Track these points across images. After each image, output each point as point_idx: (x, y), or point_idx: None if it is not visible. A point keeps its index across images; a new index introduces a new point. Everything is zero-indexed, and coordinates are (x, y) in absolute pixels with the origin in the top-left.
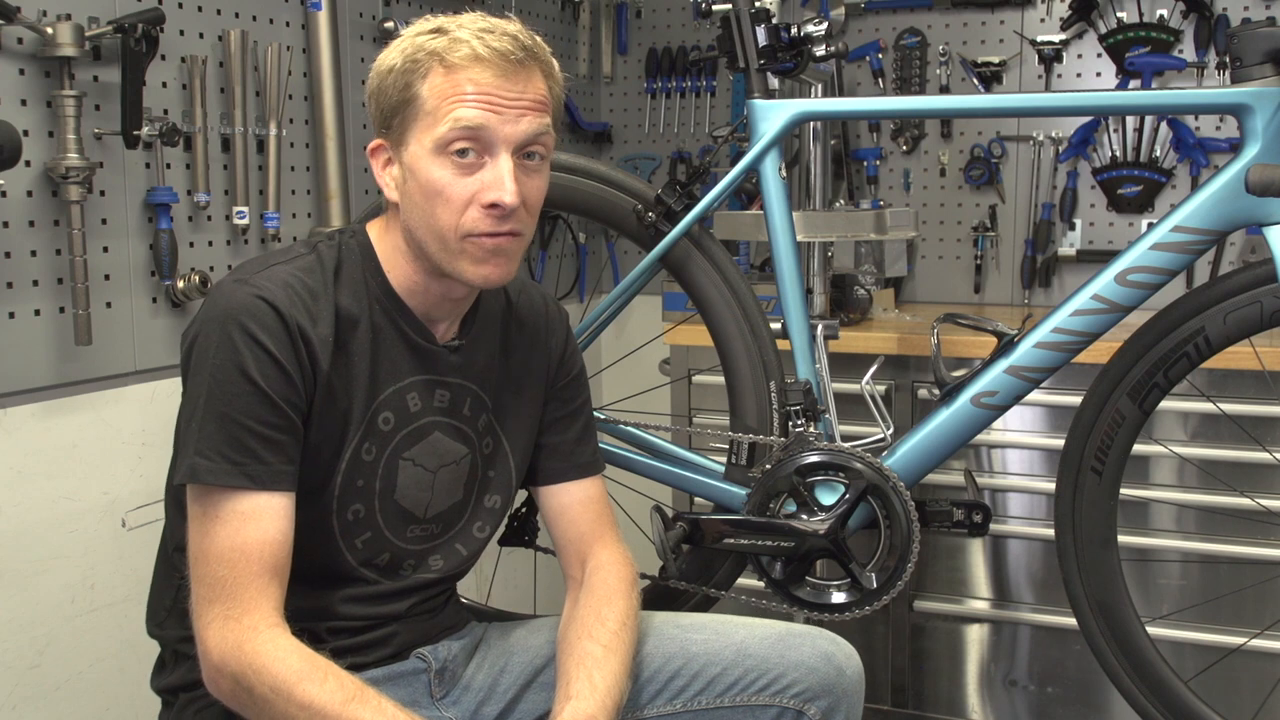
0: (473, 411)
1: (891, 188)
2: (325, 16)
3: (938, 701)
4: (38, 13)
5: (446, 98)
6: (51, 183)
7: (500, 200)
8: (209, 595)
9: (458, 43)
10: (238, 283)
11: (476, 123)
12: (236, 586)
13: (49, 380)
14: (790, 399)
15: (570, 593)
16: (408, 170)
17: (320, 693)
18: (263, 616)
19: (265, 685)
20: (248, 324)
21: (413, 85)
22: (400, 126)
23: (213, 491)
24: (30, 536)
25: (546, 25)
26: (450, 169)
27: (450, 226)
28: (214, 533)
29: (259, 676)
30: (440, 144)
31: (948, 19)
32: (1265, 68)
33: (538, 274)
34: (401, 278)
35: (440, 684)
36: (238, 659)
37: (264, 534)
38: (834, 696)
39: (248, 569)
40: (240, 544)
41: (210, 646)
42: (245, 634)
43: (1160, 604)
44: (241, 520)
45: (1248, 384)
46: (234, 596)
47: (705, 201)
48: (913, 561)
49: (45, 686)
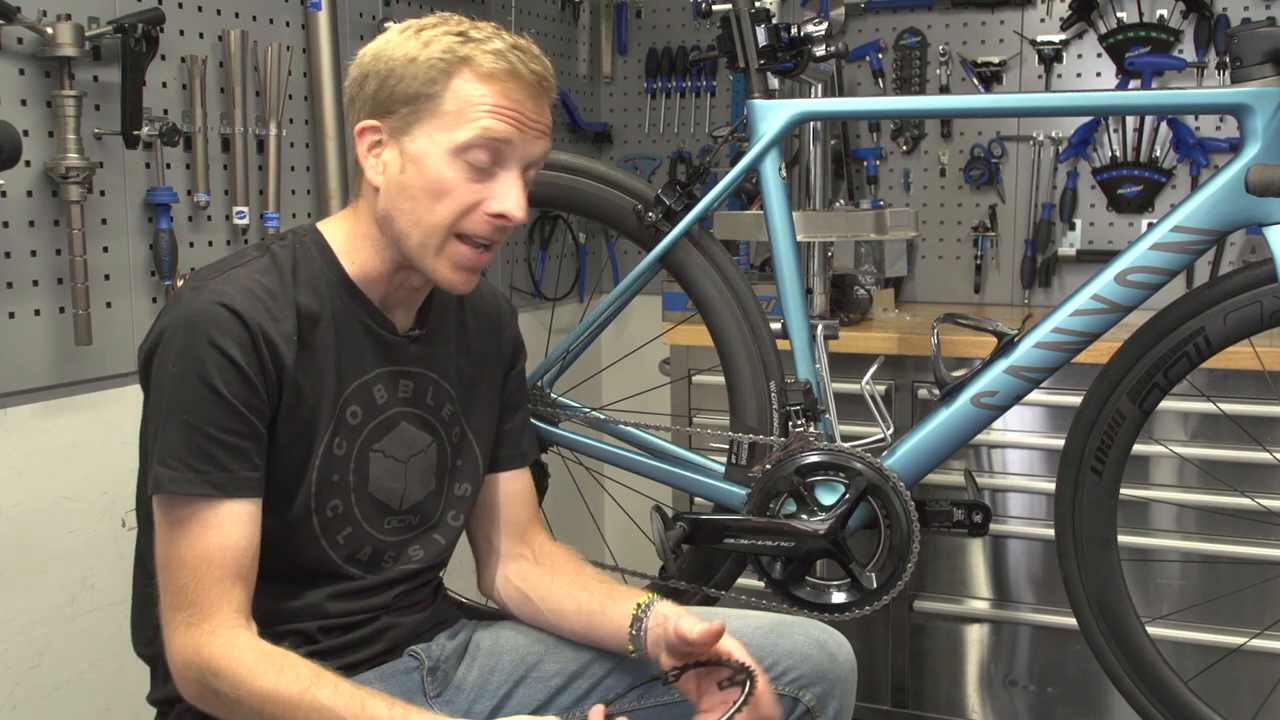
0: (435, 401)
1: (891, 188)
2: (325, 16)
3: (938, 701)
4: (38, 13)
5: (474, 104)
6: (51, 183)
7: (509, 213)
8: (173, 603)
9: (496, 55)
10: (195, 290)
11: (504, 136)
12: (198, 593)
13: (49, 380)
14: (790, 399)
15: (515, 564)
16: (410, 161)
17: (278, 682)
18: (222, 620)
19: (226, 684)
20: (208, 330)
21: (437, 82)
22: (409, 117)
23: (176, 501)
24: (30, 536)
25: (546, 25)
26: (462, 172)
27: (444, 224)
28: (178, 541)
29: (219, 677)
30: (460, 147)
31: (948, 19)
32: (1265, 68)
33: (538, 274)
34: (361, 265)
35: (433, 682)
36: (198, 662)
37: (226, 540)
38: (828, 682)
39: (209, 575)
40: (202, 551)
41: (175, 652)
42: (205, 638)
43: (1160, 604)
44: (204, 528)
45: (1248, 384)
46: (196, 603)
47: (705, 201)
48: (913, 561)
49: (45, 686)
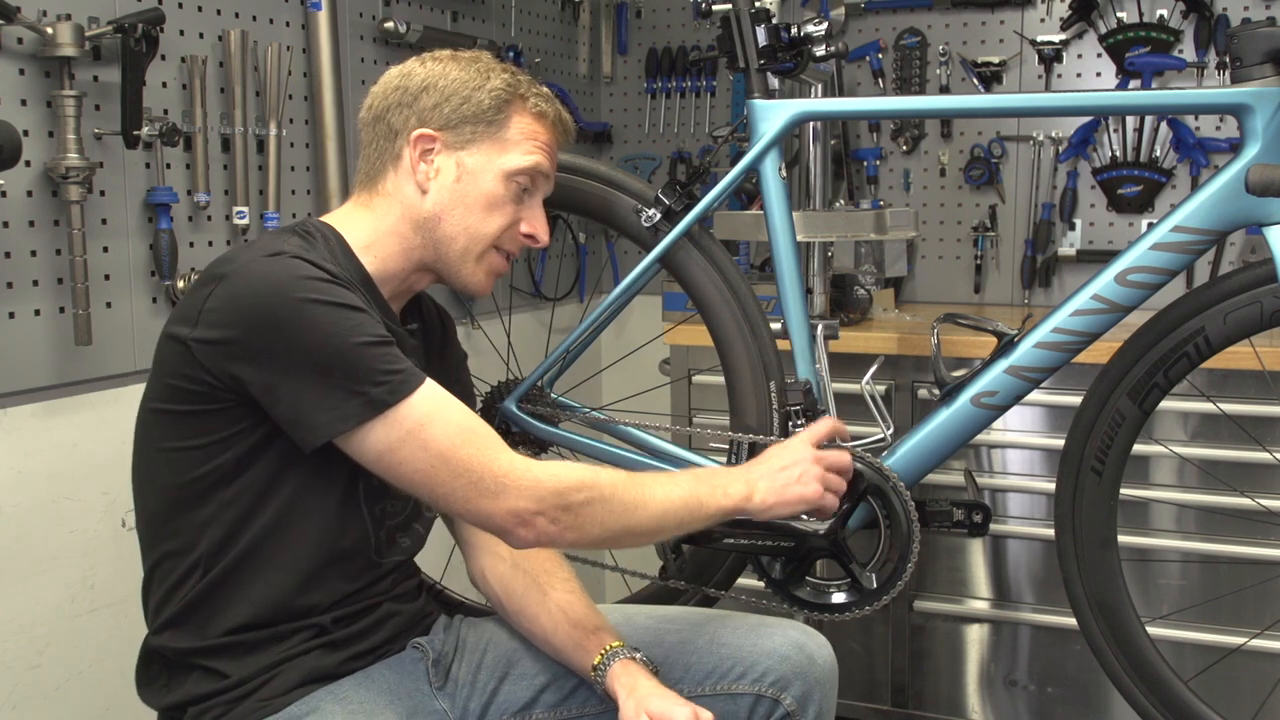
0: None
1: (891, 188)
2: (325, 16)
3: (938, 701)
4: (38, 13)
5: (529, 137)
6: (51, 183)
7: (538, 234)
8: (474, 491)
9: (545, 99)
10: (273, 256)
11: (545, 170)
12: (485, 463)
13: (49, 380)
14: (790, 399)
15: (490, 560)
16: (468, 174)
17: (615, 478)
18: (518, 461)
19: (584, 494)
20: (315, 279)
21: (504, 111)
22: (472, 135)
23: (398, 411)
24: (30, 536)
25: (546, 25)
26: (510, 193)
27: (491, 235)
28: (432, 437)
29: (570, 491)
30: (514, 172)
31: (948, 19)
32: (1265, 68)
33: (538, 274)
34: (382, 261)
35: (437, 674)
36: (545, 500)
37: (462, 408)
38: (807, 683)
39: (477, 441)
40: (456, 429)
41: (509, 522)
42: (525, 481)
43: (1160, 604)
44: (441, 407)
45: (1248, 384)
46: (490, 472)
47: (705, 202)
48: (913, 561)
49: (45, 686)
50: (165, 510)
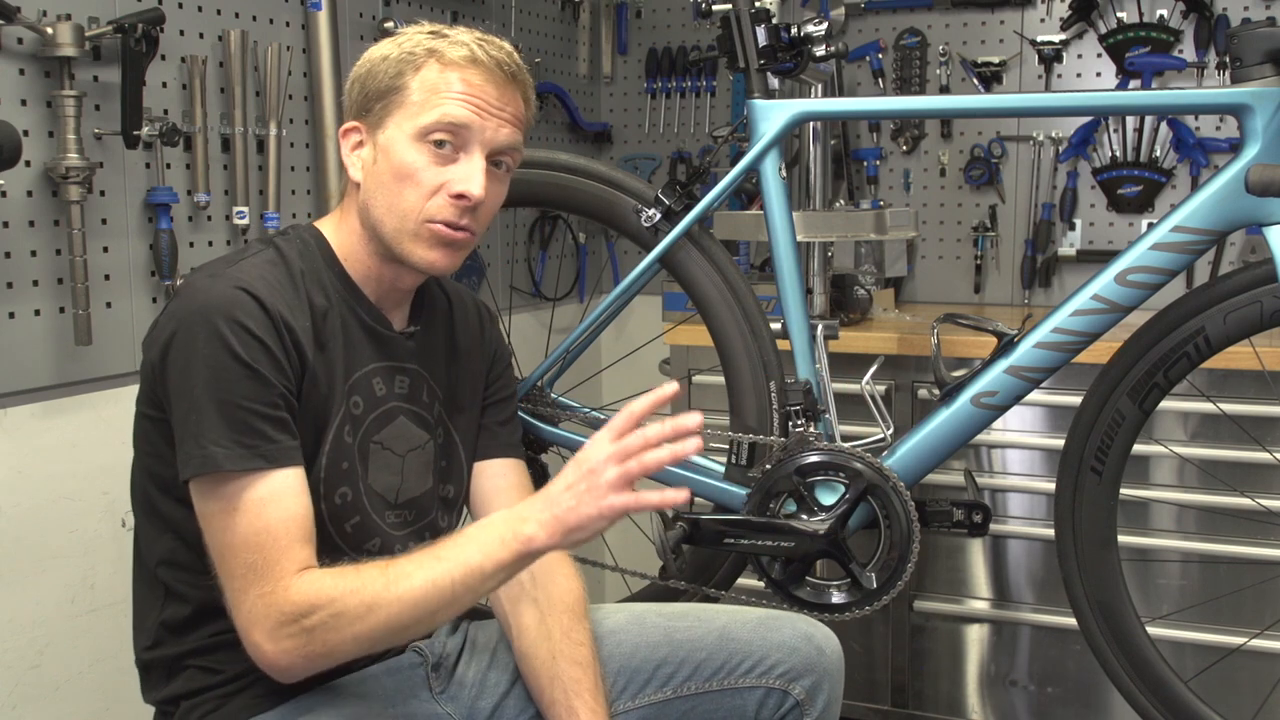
0: (429, 399)
1: (891, 188)
2: (325, 16)
3: (938, 701)
4: (38, 13)
5: (437, 91)
6: (51, 183)
7: (468, 191)
8: (243, 584)
9: (456, 44)
10: (212, 278)
11: (462, 120)
12: (267, 567)
13: (49, 380)
14: (790, 399)
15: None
16: (381, 151)
17: (362, 581)
18: (290, 571)
19: (321, 612)
20: (234, 313)
21: (404, 74)
22: (382, 111)
23: (229, 481)
24: (30, 536)
25: (546, 25)
26: (426, 155)
27: (414, 209)
28: (236, 524)
29: (312, 611)
30: (422, 131)
31: (948, 19)
32: (1265, 68)
33: (538, 274)
34: (358, 265)
35: (437, 678)
36: (288, 614)
37: (286, 512)
38: (816, 675)
39: (275, 547)
40: (264, 527)
41: (259, 627)
42: (281, 592)
43: (1160, 604)
44: (261, 505)
45: (1248, 384)
46: (267, 575)
47: (705, 202)
48: (913, 561)
49: (45, 686)
50: (155, 513)
